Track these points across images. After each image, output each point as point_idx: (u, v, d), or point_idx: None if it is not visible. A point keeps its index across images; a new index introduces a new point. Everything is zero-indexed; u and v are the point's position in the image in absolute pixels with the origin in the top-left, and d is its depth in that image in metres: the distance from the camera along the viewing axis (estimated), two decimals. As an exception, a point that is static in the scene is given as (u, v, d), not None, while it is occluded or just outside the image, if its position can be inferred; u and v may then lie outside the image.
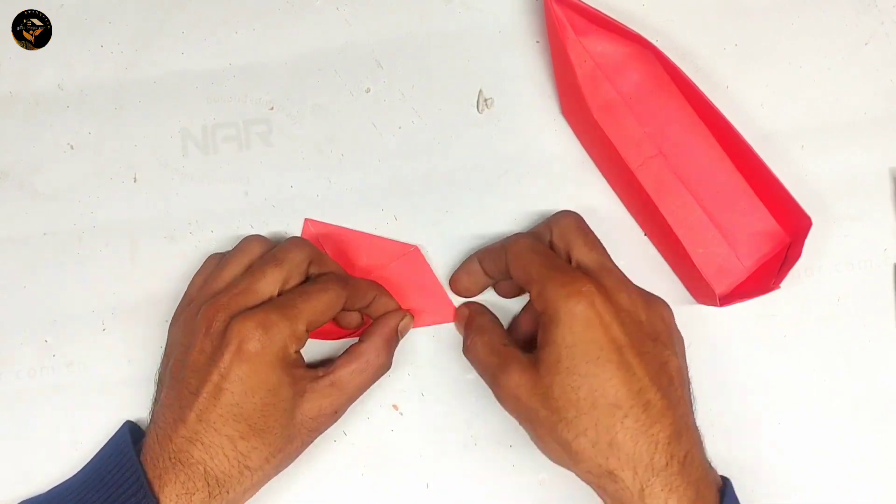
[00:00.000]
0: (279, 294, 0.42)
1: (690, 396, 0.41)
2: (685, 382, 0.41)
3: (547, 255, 0.41)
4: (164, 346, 0.46)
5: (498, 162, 0.49)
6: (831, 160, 0.48)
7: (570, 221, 0.43)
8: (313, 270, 0.44)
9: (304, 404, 0.42)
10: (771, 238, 0.47)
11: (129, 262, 0.48)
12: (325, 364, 0.44)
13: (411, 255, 0.48)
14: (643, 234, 0.48)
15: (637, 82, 0.47)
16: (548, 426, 0.39)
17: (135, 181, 0.49)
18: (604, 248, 0.42)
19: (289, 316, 0.40)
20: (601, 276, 0.40)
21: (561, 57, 0.45)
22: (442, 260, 0.48)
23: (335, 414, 0.43)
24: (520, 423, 0.42)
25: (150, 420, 0.43)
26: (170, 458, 0.40)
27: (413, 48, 0.49)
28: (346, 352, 0.45)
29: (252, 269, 0.43)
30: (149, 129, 0.49)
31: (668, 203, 0.46)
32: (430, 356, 0.48)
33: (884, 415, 0.47)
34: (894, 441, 0.47)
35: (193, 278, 0.46)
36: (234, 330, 0.40)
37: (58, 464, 0.47)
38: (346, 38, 0.49)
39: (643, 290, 0.42)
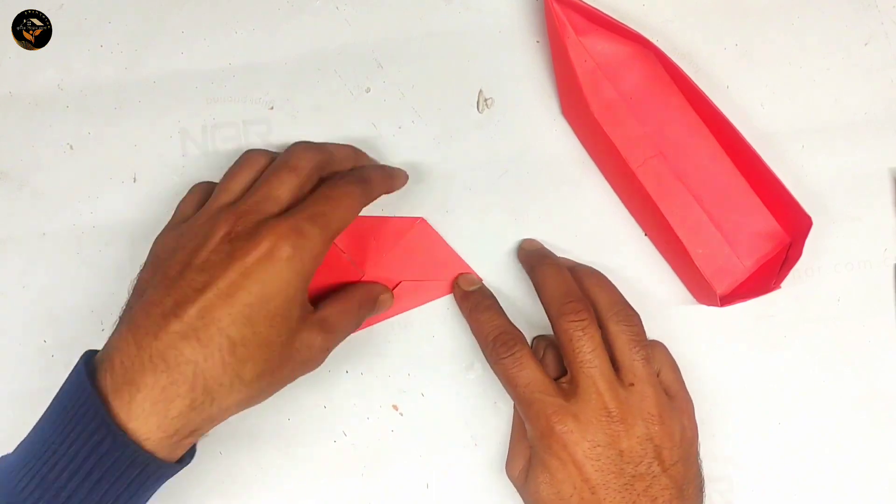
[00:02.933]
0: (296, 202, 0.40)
1: (692, 500, 0.42)
2: (674, 497, 0.41)
3: (535, 380, 0.42)
4: None
5: (498, 162, 0.49)
6: (831, 160, 0.48)
7: (563, 330, 0.42)
8: (323, 173, 0.43)
9: (303, 331, 0.40)
10: (771, 238, 0.47)
11: (128, 263, 0.48)
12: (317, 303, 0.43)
13: (419, 227, 0.48)
14: (643, 234, 0.48)
15: (637, 82, 0.47)
16: None
17: (134, 181, 0.49)
18: (599, 356, 0.41)
19: (321, 224, 0.39)
20: (584, 402, 0.41)
21: (561, 56, 0.45)
22: (442, 260, 0.48)
23: (326, 351, 0.42)
24: None
25: (120, 323, 0.38)
26: (150, 359, 0.36)
27: (413, 48, 0.49)
28: (331, 297, 0.44)
29: (266, 177, 0.41)
30: (148, 129, 0.49)
31: (668, 203, 0.46)
32: (430, 356, 0.48)
33: (884, 415, 0.47)
34: (894, 441, 0.47)
35: (179, 205, 0.44)
36: (266, 233, 0.37)
37: (57, 464, 0.47)
38: (346, 38, 0.49)
39: (629, 410, 0.41)
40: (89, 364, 0.37)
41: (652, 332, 0.48)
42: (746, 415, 0.48)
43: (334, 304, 0.43)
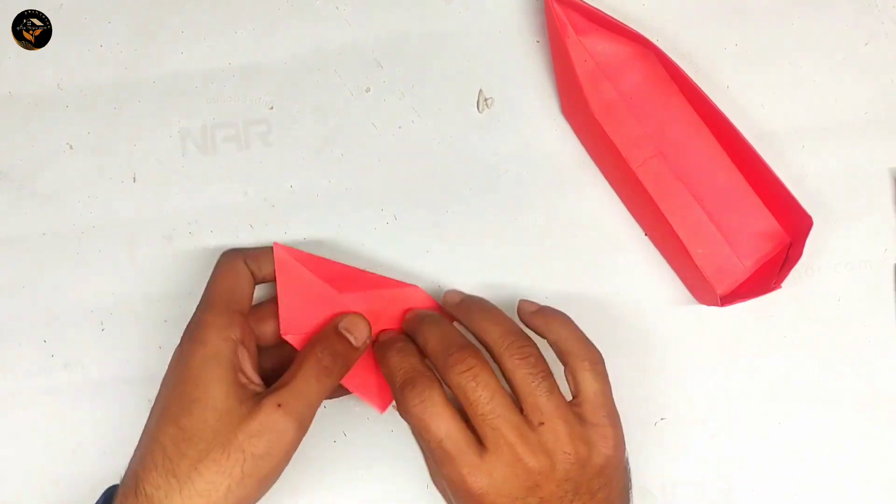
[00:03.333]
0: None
1: (616, 502, 0.41)
2: None
3: (450, 431, 0.39)
4: (162, 345, 0.46)
5: (498, 162, 0.49)
6: (831, 160, 0.48)
7: (455, 384, 0.40)
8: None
9: (251, 423, 0.39)
10: (771, 238, 0.47)
11: (128, 262, 0.48)
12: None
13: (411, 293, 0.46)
14: (643, 234, 0.48)
15: (637, 82, 0.47)
16: None
17: (134, 181, 0.49)
18: (499, 401, 0.39)
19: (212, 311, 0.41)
20: (493, 454, 0.39)
21: (561, 56, 0.45)
22: (442, 260, 0.48)
23: (298, 430, 0.40)
24: None
25: (142, 467, 0.39)
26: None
27: (413, 48, 0.49)
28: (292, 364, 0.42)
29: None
30: (148, 128, 0.49)
31: (668, 203, 0.46)
32: (430, 356, 0.48)
33: (884, 415, 0.47)
34: (894, 441, 0.47)
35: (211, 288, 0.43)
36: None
37: (57, 464, 0.47)
38: (346, 38, 0.49)
39: (544, 453, 0.39)
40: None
41: (652, 332, 0.48)
42: (746, 415, 0.48)
43: (289, 378, 0.41)
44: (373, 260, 0.48)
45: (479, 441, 0.39)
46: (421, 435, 0.40)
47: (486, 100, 0.49)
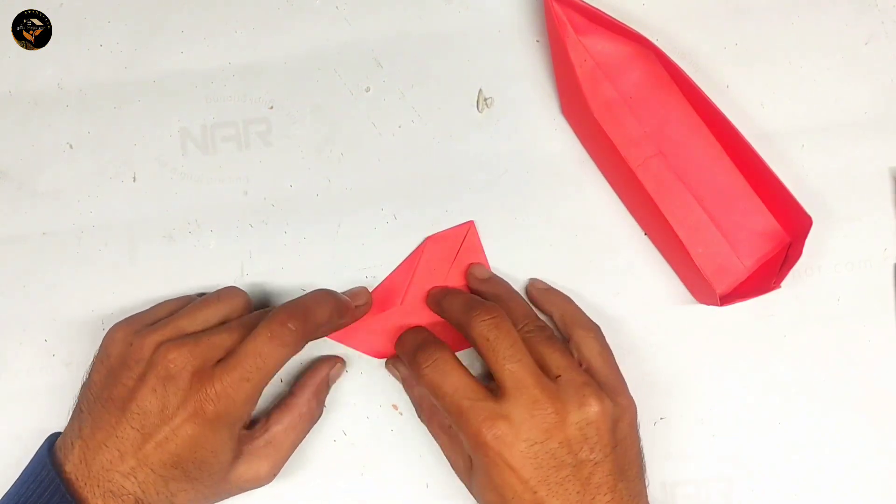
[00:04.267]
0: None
1: (630, 489, 0.41)
2: (618, 484, 0.40)
3: (461, 385, 0.41)
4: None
5: (498, 162, 0.49)
6: (831, 160, 0.48)
7: (477, 333, 0.41)
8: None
9: (239, 466, 0.42)
10: (771, 238, 0.47)
11: (128, 262, 0.48)
12: (260, 421, 0.44)
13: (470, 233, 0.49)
14: (643, 233, 0.48)
15: (637, 82, 0.47)
16: None
17: (134, 181, 0.49)
18: (518, 352, 0.41)
19: (253, 381, 0.40)
20: (515, 401, 0.40)
21: (561, 56, 0.45)
22: (442, 260, 0.48)
23: (272, 475, 0.44)
24: None
25: (75, 430, 0.41)
26: (99, 486, 0.40)
27: (413, 48, 0.49)
28: (277, 406, 0.45)
29: (230, 327, 0.42)
30: (148, 128, 0.49)
31: (668, 202, 0.46)
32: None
33: (884, 415, 0.47)
34: (894, 441, 0.47)
35: (158, 305, 0.46)
36: (196, 387, 0.40)
37: (57, 464, 0.47)
38: (346, 37, 0.49)
39: (563, 401, 0.40)
40: (52, 452, 0.41)
41: (652, 332, 0.48)
42: (746, 415, 0.48)
43: (280, 419, 0.44)
44: (373, 260, 0.48)
45: (495, 393, 0.41)
46: (435, 391, 0.41)
47: (486, 100, 0.49)
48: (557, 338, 0.43)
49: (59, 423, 0.47)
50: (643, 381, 0.47)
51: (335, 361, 0.47)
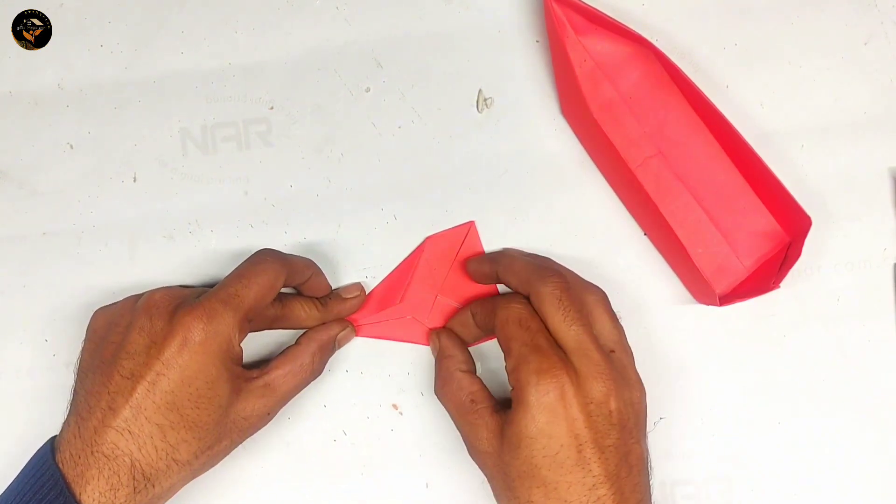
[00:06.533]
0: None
1: (648, 480, 0.41)
2: (645, 468, 0.41)
3: (530, 331, 0.41)
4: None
5: (498, 162, 0.49)
6: (831, 160, 0.48)
7: (549, 292, 0.41)
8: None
9: (237, 403, 0.42)
10: (771, 238, 0.47)
11: (128, 262, 0.48)
12: (260, 365, 0.44)
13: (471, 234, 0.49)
14: (643, 234, 0.48)
15: (637, 82, 0.47)
16: (502, 494, 0.41)
17: (134, 181, 0.49)
18: (585, 320, 0.41)
19: (233, 305, 0.41)
20: (578, 359, 0.40)
21: (561, 56, 0.45)
22: (442, 260, 0.48)
23: (267, 416, 0.44)
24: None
25: (70, 411, 0.42)
26: (93, 452, 0.39)
27: (413, 48, 0.49)
28: (281, 353, 0.45)
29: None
30: (148, 128, 0.49)
31: (668, 203, 0.46)
32: (430, 355, 0.48)
33: (884, 415, 0.47)
34: (894, 441, 0.47)
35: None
36: (179, 318, 0.40)
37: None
38: (346, 37, 0.49)
39: (617, 373, 0.41)
40: (52, 447, 0.41)
41: (652, 332, 0.48)
42: (746, 415, 0.48)
43: (281, 366, 0.44)
44: (373, 260, 0.48)
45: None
46: (523, 325, 0.41)
47: (485, 100, 0.49)
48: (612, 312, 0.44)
49: (59, 423, 0.47)
50: (643, 381, 0.47)
51: (346, 325, 0.47)
